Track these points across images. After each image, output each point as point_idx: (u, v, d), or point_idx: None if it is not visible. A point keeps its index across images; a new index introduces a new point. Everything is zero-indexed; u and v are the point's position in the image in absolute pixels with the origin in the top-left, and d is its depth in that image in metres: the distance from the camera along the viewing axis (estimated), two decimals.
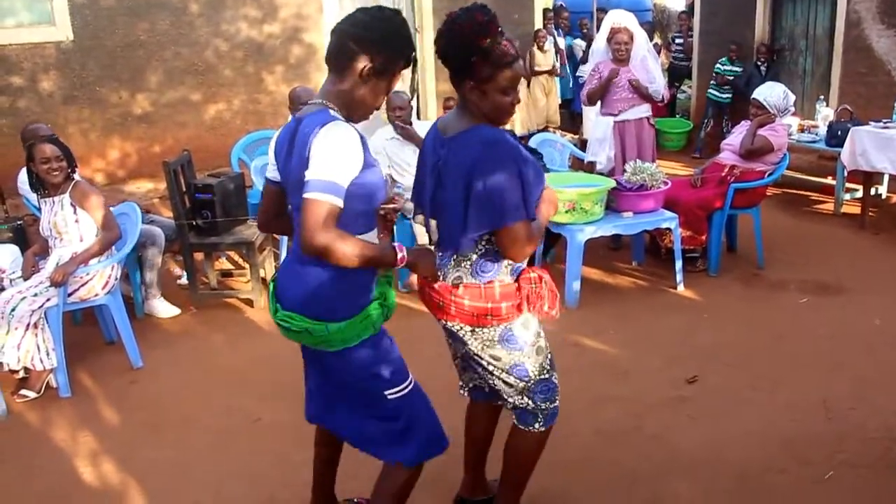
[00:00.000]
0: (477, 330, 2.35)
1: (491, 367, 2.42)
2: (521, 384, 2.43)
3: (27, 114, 6.81)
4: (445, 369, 3.86)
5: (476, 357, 2.42)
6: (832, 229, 6.33)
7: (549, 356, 2.49)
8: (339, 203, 1.99)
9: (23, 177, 4.43)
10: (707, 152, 8.70)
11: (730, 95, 9.20)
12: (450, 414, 3.36)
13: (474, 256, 2.31)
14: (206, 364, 4.28)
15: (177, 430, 3.60)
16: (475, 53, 2.16)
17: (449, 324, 2.39)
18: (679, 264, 4.99)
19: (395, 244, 2.17)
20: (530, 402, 2.46)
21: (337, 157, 2.00)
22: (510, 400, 2.48)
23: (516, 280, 2.34)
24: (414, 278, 5.00)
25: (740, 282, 5.17)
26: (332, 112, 2.10)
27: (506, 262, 2.32)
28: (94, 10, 7.16)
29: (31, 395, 3.94)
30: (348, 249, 2.00)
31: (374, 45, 2.09)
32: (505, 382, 2.45)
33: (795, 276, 5.20)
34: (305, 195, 1.98)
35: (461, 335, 2.38)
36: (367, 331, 2.20)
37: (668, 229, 4.96)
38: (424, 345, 4.20)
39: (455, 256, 2.34)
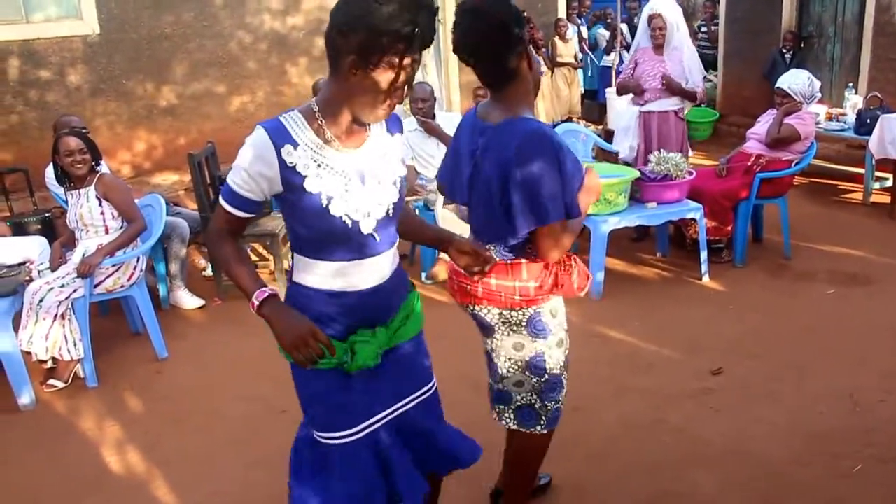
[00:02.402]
0: (504, 313, 2.30)
1: (508, 364, 2.38)
2: (535, 380, 2.38)
3: (56, 107, 6.90)
4: (464, 363, 3.87)
5: (493, 353, 2.39)
6: (860, 219, 6.23)
7: (567, 353, 2.45)
8: (234, 212, 1.89)
9: (50, 170, 4.49)
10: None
11: None
12: (466, 409, 3.37)
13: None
14: (231, 355, 4.31)
15: (202, 420, 3.64)
16: (525, 26, 2.15)
17: (477, 308, 2.35)
18: (704, 255, 4.94)
19: (264, 289, 1.89)
20: (538, 400, 2.42)
21: (238, 166, 1.85)
22: (516, 398, 2.43)
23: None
24: (437, 269, 5.01)
25: (766, 272, 5.11)
26: (286, 116, 1.85)
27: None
28: (119, 4, 7.22)
29: (59, 384, 4.01)
30: (219, 259, 1.97)
31: (352, 32, 1.70)
32: (516, 384, 2.40)
33: (823, 267, 5.13)
34: None
35: (489, 320, 2.34)
36: (290, 358, 1.94)
37: (693, 220, 4.91)
38: (443, 340, 4.21)
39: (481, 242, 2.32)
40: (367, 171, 1.91)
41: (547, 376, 2.38)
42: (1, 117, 6.89)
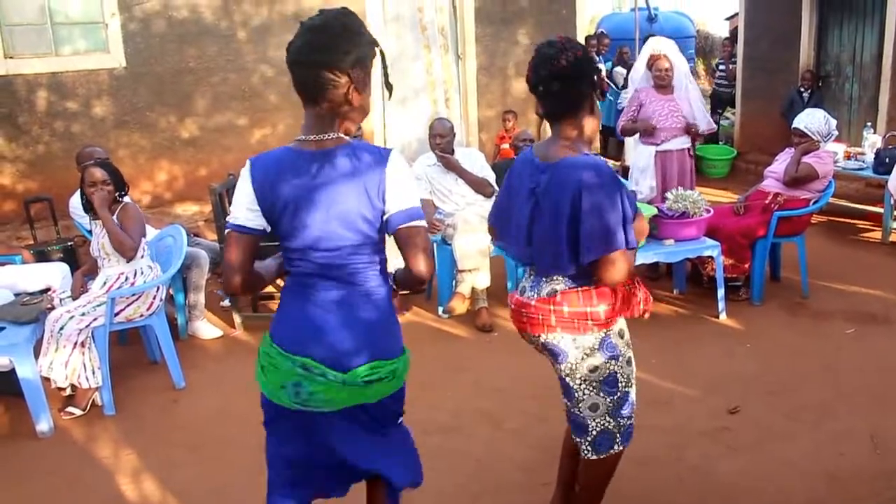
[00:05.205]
0: (578, 338, 2.41)
1: (583, 387, 2.46)
2: (609, 400, 2.48)
3: (81, 138, 7.02)
4: (484, 399, 3.86)
5: (568, 378, 2.47)
6: (879, 258, 6.20)
7: (634, 370, 2.57)
8: None
9: (76, 199, 4.57)
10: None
11: None
12: (483, 446, 3.36)
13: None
14: (248, 385, 4.28)
15: (217, 450, 3.65)
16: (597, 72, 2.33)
17: (550, 336, 2.44)
18: (721, 293, 4.93)
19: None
20: (613, 420, 2.51)
21: None
22: (591, 425, 2.50)
23: None
24: (454, 303, 5.01)
25: (784, 311, 5.08)
26: None
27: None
28: (145, 38, 7.37)
29: (77, 412, 4.03)
30: None
31: None
32: (591, 408, 2.49)
33: (841, 306, 5.10)
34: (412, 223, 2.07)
35: (562, 347, 2.43)
36: None
37: (711, 257, 4.91)
38: (464, 373, 4.22)
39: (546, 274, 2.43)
40: None
41: (619, 393, 2.50)
42: (28, 148, 7.01)
